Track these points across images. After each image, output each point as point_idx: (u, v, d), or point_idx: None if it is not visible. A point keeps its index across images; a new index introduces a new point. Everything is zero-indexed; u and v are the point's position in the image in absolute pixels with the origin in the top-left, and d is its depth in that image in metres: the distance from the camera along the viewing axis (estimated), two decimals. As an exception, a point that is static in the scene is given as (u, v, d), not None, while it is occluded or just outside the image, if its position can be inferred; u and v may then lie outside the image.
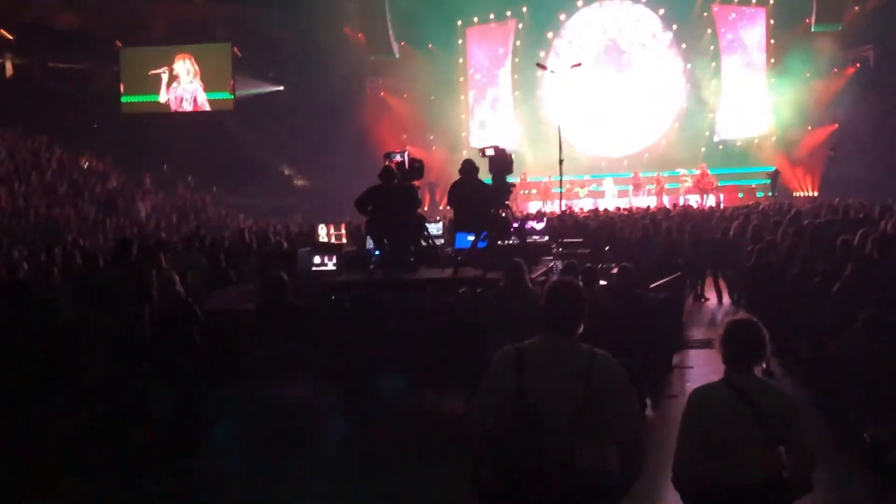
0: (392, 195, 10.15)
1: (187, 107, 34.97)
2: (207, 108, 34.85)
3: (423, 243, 10.53)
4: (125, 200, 26.81)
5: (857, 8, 31.49)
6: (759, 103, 32.81)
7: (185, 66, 34.90)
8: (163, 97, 35.03)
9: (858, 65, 31.60)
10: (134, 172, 29.91)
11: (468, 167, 10.57)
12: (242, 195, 31.34)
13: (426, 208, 16.75)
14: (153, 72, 34.87)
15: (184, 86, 34.95)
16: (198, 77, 34.89)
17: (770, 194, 29.24)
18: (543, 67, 28.66)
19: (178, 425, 7.72)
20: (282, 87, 34.50)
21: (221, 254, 13.37)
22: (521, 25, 34.79)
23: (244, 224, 24.43)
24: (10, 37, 33.00)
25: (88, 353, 8.23)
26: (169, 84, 34.99)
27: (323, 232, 11.91)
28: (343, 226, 12.13)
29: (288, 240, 15.72)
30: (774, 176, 30.01)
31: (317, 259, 10.60)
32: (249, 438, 7.58)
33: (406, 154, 10.51)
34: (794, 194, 29.57)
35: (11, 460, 7.50)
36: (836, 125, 30.54)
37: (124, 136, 32.58)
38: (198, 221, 24.66)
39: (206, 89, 34.72)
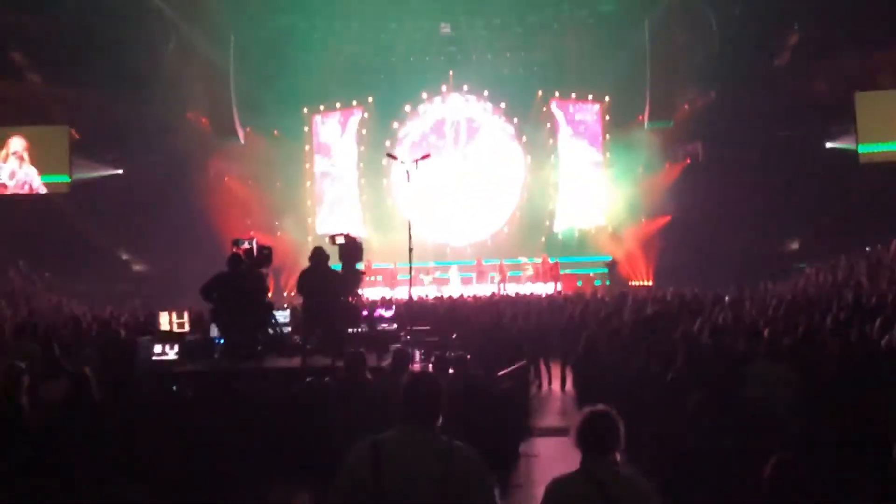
0: (239, 282, 10.00)
1: (20, 190, 33.55)
2: (43, 191, 33.55)
3: (271, 331, 10.38)
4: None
5: (686, 106, 33.14)
6: (595, 195, 33.97)
7: (18, 149, 33.62)
8: (5, 179, 33.51)
9: (689, 160, 33.08)
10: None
11: (319, 255, 10.54)
12: (77, 280, 30.22)
13: (271, 295, 16.54)
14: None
15: (15, 168, 33.59)
16: (31, 160, 33.58)
17: (607, 283, 30.09)
18: (394, 157, 28.81)
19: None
20: (121, 171, 33.66)
21: (55, 342, 12.80)
22: (366, 114, 35.17)
23: (79, 311, 23.48)
24: None
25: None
26: (16, 167, 33.58)
27: (164, 319, 11.55)
28: (186, 313, 11.80)
29: (126, 328, 15.17)
30: (611, 265, 30.94)
31: (157, 348, 10.28)
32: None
33: (254, 241, 10.39)
34: (630, 283, 30.46)
35: None
36: (670, 217, 31.82)
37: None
38: (29, 308, 23.63)
39: (42, 172, 33.42)
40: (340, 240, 11.11)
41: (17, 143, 33.49)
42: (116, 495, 7.39)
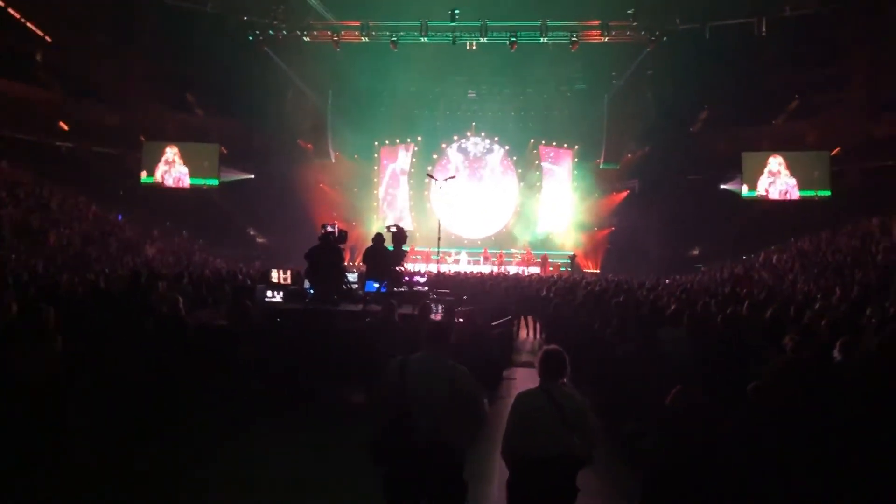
0: (325, 252, 10.02)
1: (175, 185, 33.47)
2: (198, 186, 33.64)
3: (344, 286, 10.40)
4: (138, 245, 25.69)
5: (629, 155, 33.07)
6: (564, 210, 33.78)
7: (170, 156, 33.60)
8: (160, 178, 33.44)
9: (628, 191, 32.98)
10: (146, 227, 28.78)
11: (378, 238, 10.57)
12: (220, 246, 30.42)
13: (346, 263, 16.53)
14: (161, 159, 33.55)
15: (168, 170, 33.60)
16: (185, 164, 33.52)
17: (569, 269, 29.99)
18: (431, 177, 28.95)
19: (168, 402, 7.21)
20: (252, 175, 33.82)
21: (203, 285, 12.91)
22: (416, 148, 35.09)
23: (220, 266, 23.63)
24: (65, 127, 31.55)
25: (105, 348, 7.52)
26: (169, 168, 33.65)
27: (275, 274, 11.58)
28: (289, 271, 11.84)
29: (250, 278, 15.26)
30: (572, 258, 30.86)
31: (269, 293, 10.33)
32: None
33: (336, 226, 10.40)
34: (585, 270, 30.36)
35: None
36: (613, 227, 31.85)
37: (142, 202, 31.45)
38: (187, 262, 23.82)
39: (200, 175, 33.46)
40: (393, 229, 11.07)
41: (169, 153, 33.57)
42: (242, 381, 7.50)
